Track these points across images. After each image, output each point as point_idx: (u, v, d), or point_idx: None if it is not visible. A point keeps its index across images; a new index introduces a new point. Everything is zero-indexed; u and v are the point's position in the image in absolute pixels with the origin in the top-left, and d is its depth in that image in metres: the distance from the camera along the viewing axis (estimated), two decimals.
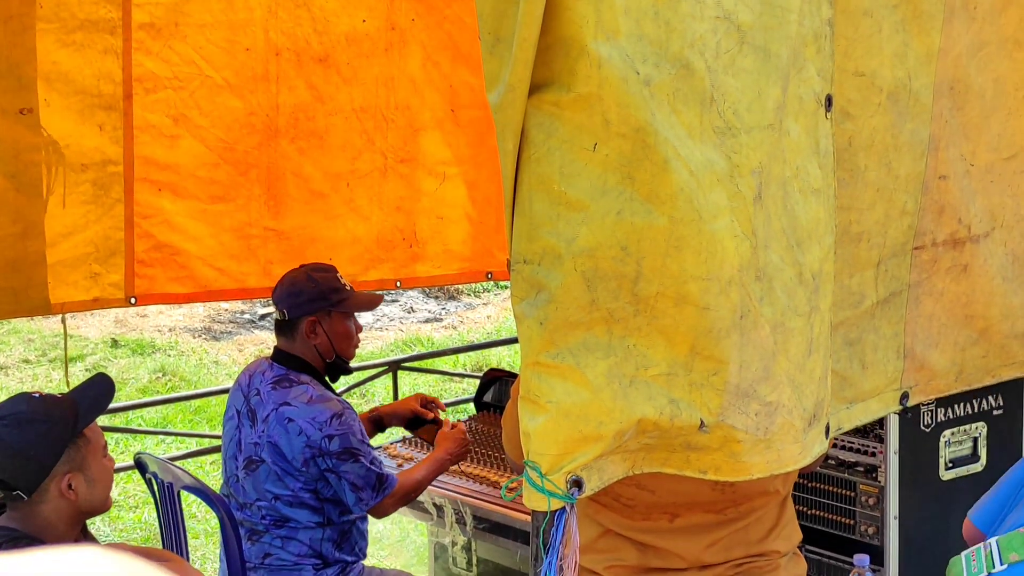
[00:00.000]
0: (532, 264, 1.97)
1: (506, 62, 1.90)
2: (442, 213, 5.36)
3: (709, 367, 2.04)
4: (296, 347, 4.18)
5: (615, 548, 2.82)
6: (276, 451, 4.01)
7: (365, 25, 5.00)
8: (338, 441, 3.97)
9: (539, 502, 2.01)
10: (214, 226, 4.82)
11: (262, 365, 4.22)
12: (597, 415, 1.98)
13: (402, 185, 5.24)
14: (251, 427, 4.09)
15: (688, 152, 1.94)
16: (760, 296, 2.06)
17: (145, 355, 11.80)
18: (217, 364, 11.76)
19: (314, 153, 4.96)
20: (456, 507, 4.56)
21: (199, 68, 4.63)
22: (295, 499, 4.03)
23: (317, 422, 3.97)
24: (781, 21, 2.05)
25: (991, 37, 2.54)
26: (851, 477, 3.73)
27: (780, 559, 2.87)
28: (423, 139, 5.26)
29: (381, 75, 5.07)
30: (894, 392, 2.55)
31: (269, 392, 4.07)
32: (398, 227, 5.26)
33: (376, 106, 5.08)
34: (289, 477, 4.01)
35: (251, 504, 4.08)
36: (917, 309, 2.51)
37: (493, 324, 13.42)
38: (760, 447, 2.14)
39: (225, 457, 4.22)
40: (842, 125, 2.26)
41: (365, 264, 5.16)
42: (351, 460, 3.98)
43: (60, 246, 4.42)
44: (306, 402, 4.01)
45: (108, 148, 4.47)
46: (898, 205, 2.40)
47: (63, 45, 4.32)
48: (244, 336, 12.90)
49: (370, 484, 4.02)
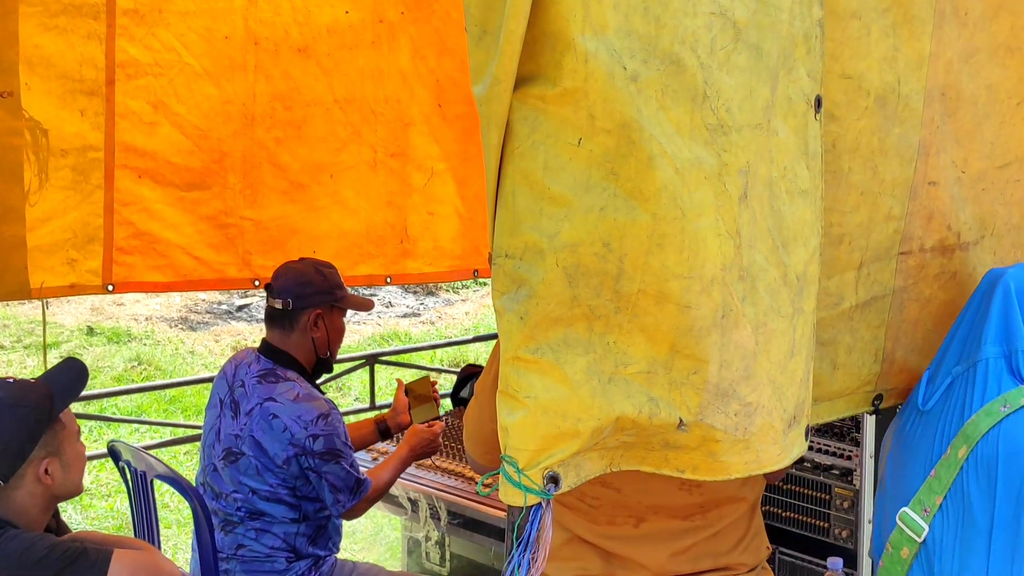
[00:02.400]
0: (514, 259, 1.96)
1: (492, 55, 1.89)
2: (432, 209, 5.35)
3: (689, 366, 2.03)
4: (291, 340, 4.15)
5: (580, 556, 2.78)
6: (258, 446, 3.99)
7: (348, 17, 4.98)
8: (322, 441, 3.95)
9: (515, 497, 1.99)
10: (192, 214, 4.79)
11: (248, 356, 4.19)
12: (576, 411, 1.97)
13: (393, 180, 5.22)
14: (233, 419, 4.07)
15: (675, 149, 1.93)
16: (743, 296, 2.06)
17: (121, 343, 11.76)
18: (193, 354, 11.72)
19: (291, 143, 4.94)
20: (431, 502, 4.55)
21: (179, 55, 4.61)
22: (272, 494, 4.01)
23: (303, 421, 3.95)
24: (774, 20, 2.04)
25: (983, 43, 2.53)
26: (826, 480, 3.73)
27: (747, 572, 2.83)
28: (412, 134, 5.24)
29: (367, 67, 5.04)
30: (867, 393, 2.55)
31: (254, 386, 4.05)
32: (389, 222, 5.23)
33: (363, 98, 5.06)
34: (268, 473, 3.99)
35: (227, 495, 4.05)
36: (901, 314, 2.50)
37: (471, 320, 13.42)
38: (739, 447, 2.14)
39: (204, 445, 4.20)
40: (827, 127, 2.25)
41: (354, 259, 5.14)
42: (333, 461, 3.97)
43: (38, 231, 4.38)
44: (292, 399, 3.99)
45: (89, 134, 4.44)
46: (883, 209, 2.39)
47: (46, 29, 4.29)
48: (221, 327, 12.87)
49: (349, 487, 4.02)
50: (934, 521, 2.40)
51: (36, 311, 11.67)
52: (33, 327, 11.41)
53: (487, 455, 2.81)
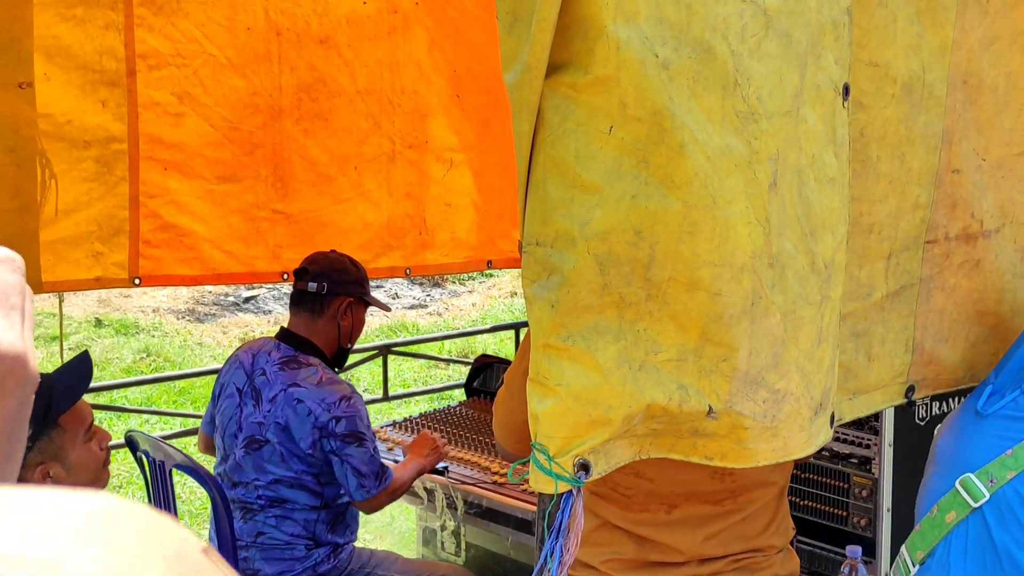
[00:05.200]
0: (545, 246, 1.97)
1: (524, 42, 1.89)
2: (450, 200, 5.35)
3: (719, 353, 2.04)
4: (318, 325, 4.17)
5: (612, 541, 2.80)
6: (284, 432, 4.00)
7: (366, 7, 4.98)
8: (345, 423, 3.97)
9: (546, 485, 2.00)
10: (221, 207, 4.78)
11: (267, 345, 4.21)
12: (606, 399, 1.98)
13: (411, 171, 5.22)
14: (255, 406, 4.08)
15: (705, 137, 1.94)
16: (772, 284, 2.06)
17: (129, 335, 11.78)
18: (201, 346, 11.74)
19: (319, 135, 4.93)
20: (447, 492, 4.56)
21: (202, 46, 4.60)
22: (296, 481, 4.03)
23: (326, 403, 3.97)
24: (804, 7, 2.04)
25: (1003, 31, 2.53)
26: (845, 469, 3.73)
27: (776, 554, 2.86)
28: (430, 124, 5.25)
29: (385, 58, 5.04)
30: (900, 385, 2.55)
31: (277, 372, 4.07)
32: (408, 214, 5.24)
33: (381, 89, 5.06)
34: (294, 459, 4.01)
35: (248, 483, 4.07)
36: (928, 303, 2.51)
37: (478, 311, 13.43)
38: (767, 434, 2.14)
39: (223, 435, 4.21)
40: (855, 115, 2.25)
41: (376, 251, 5.15)
42: (356, 444, 3.98)
43: (61, 223, 4.37)
44: (315, 384, 4.01)
45: (111, 125, 4.44)
46: (911, 198, 2.40)
47: (63, 19, 4.29)
48: (228, 318, 12.89)
49: (374, 472, 4.02)
50: (1001, 491, 2.39)
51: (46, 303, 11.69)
52: (41, 319, 11.43)
53: (517, 444, 2.82)
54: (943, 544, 2.42)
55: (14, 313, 0.73)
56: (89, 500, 0.52)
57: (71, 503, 0.51)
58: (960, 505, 2.41)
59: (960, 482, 2.42)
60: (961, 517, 2.40)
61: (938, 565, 2.41)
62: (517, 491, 4.42)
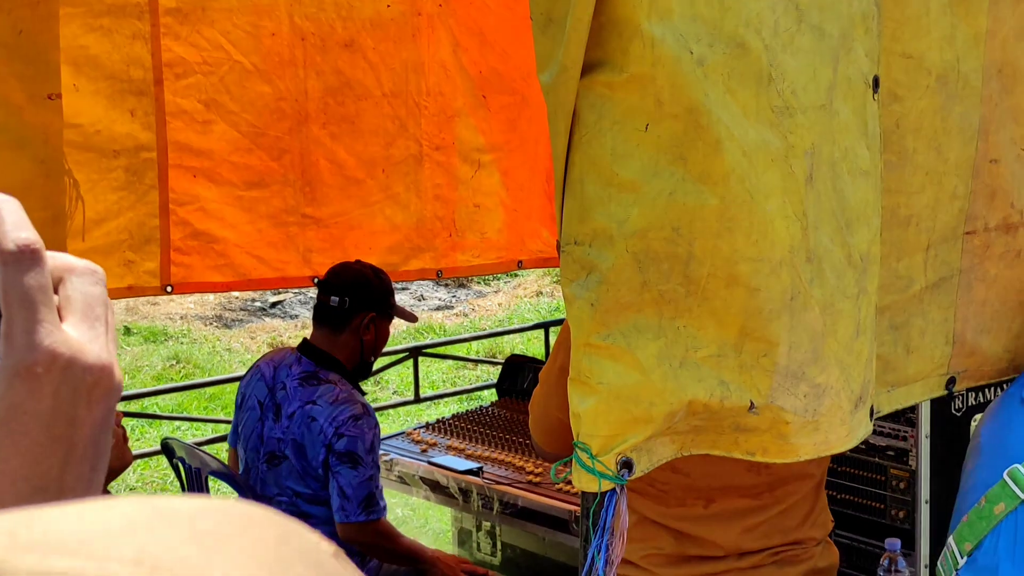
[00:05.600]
0: (583, 245, 1.97)
1: (559, 42, 1.90)
2: (479, 201, 5.35)
3: (759, 348, 2.04)
4: (339, 339, 4.14)
5: (651, 536, 2.80)
6: (299, 450, 3.98)
7: (390, 10, 4.99)
8: (345, 442, 3.92)
9: (589, 483, 2.01)
10: (251, 213, 4.79)
11: (288, 358, 4.18)
12: (648, 396, 1.98)
13: (439, 172, 5.22)
14: (274, 421, 4.06)
15: (742, 132, 1.94)
16: (810, 278, 2.06)
17: (158, 343, 11.82)
18: (230, 351, 11.78)
19: (346, 139, 4.94)
20: (482, 492, 4.56)
21: (227, 53, 4.62)
22: (314, 497, 4.01)
23: (336, 420, 3.93)
24: (834, 1, 2.04)
25: None
26: (882, 461, 3.72)
27: (815, 547, 2.87)
28: (457, 126, 5.25)
29: (410, 60, 5.05)
30: (940, 377, 2.54)
31: (296, 388, 4.04)
32: (437, 215, 5.23)
33: (407, 92, 5.07)
34: (309, 477, 3.98)
35: (271, 498, 4.05)
36: (969, 294, 2.50)
37: (504, 312, 13.43)
38: (808, 429, 2.14)
39: (246, 447, 4.19)
40: (889, 107, 2.25)
41: (406, 254, 5.14)
42: (349, 465, 3.91)
43: (92, 232, 4.39)
44: (331, 402, 3.98)
45: (140, 134, 4.46)
46: (948, 189, 2.39)
47: (90, 30, 4.31)
48: (255, 324, 12.92)
49: (359, 498, 3.91)
50: None
51: None
52: None
53: (553, 443, 2.82)
54: (991, 535, 2.41)
55: (99, 324, 0.74)
56: (216, 505, 0.53)
57: (198, 508, 0.52)
58: (1009, 496, 2.40)
59: (1008, 473, 2.41)
60: (1010, 508, 2.39)
61: (986, 556, 2.40)
62: (552, 490, 4.42)
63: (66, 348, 0.72)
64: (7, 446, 0.69)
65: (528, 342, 10.85)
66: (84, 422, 0.72)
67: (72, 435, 0.71)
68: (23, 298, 0.71)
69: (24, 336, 0.70)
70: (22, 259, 0.72)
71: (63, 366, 0.71)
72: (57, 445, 0.71)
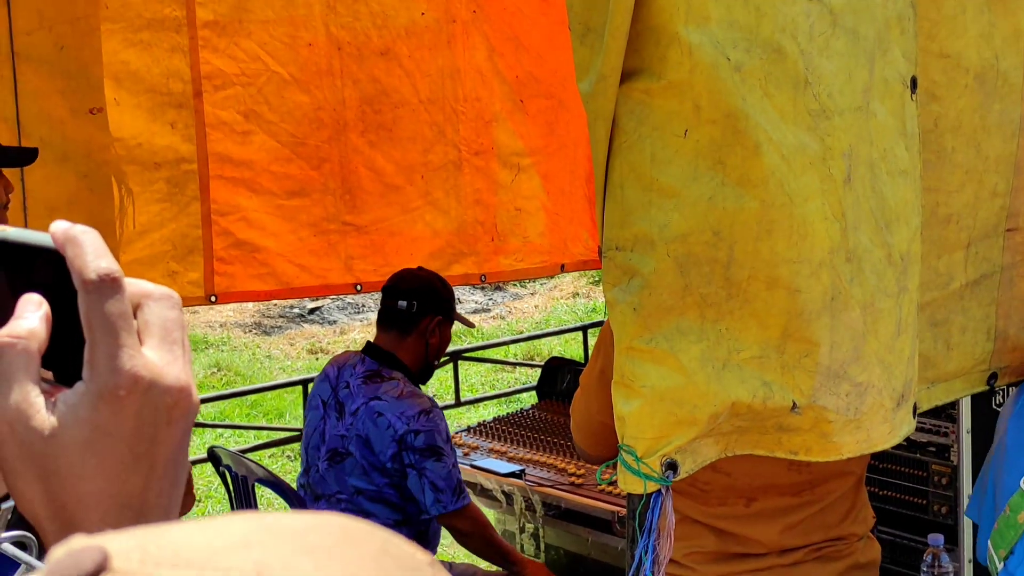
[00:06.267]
0: (625, 250, 2.00)
1: (597, 51, 1.92)
2: (519, 205, 5.36)
3: (801, 349, 2.06)
4: (406, 342, 4.21)
5: (693, 535, 2.82)
6: (365, 445, 4.04)
7: (424, 18, 5.02)
8: (423, 437, 3.99)
9: (635, 485, 2.03)
10: (292, 221, 4.83)
11: (352, 358, 4.25)
12: (691, 399, 2.01)
13: (479, 177, 5.24)
14: (338, 419, 4.12)
15: (780, 136, 1.96)
16: (850, 278, 2.08)
17: (199, 351, 11.89)
18: (270, 358, 11.84)
19: (384, 146, 4.97)
20: (525, 494, 4.59)
21: (265, 64, 4.66)
22: (378, 495, 4.06)
23: (405, 416, 4.00)
24: (868, 3, 2.06)
25: None
26: (923, 458, 3.73)
27: (857, 542, 2.88)
28: (495, 130, 5.26)
29: (446, 67, 5.08)
30: (981, 373, 2.55)
31: (360, 386, 4.11)
32: (479, 220, 5.25)
33: (444, 98, 5.09)
34: (375, 472, 4.04)
35: (330, 496, 4.10)
36: (1011, 291, 2.51)
37: (541, 314, 13.44)
38: (850, 427, 2.16)
39: (307, 447, 4.25)
40: (928, 107, 2.26)
41: (448, 259, 5.17)
42: (434, 458, 3.99)
43: (136, 244, 4.44)
44: (396, 396, 4.05)
45: (181, 146, 4.50)
46: (988, 186, 2.40)
47: (130, 44, 4.36)
48: (294, 330, 12.98)
49: (451, 487, 4.02)
50: None
51: None
52: None
53: (596, 446, 2.85)
54: (1021, 543, 2.42)
55: (176, 347, 0.78)
56: (321, 520, 0.56)
57: (306, 523, 0.55)
58: None
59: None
60: None
61: (1017, 564, 2.41)
62: (595, 492, 4.44)
63: (147, 371, 0.75)
64: (93, 466, 0.73)
65: (566, 344, 10.86)
66: (165, 441, 0.75)
67: (154, 454, 0.75)
68: (105, 324, 0.74)
69: (107, 361, 0.74)
70: (103, 287, 0.75)
71: (144, 388, 0.74)
72: (140, 464, 0.74)
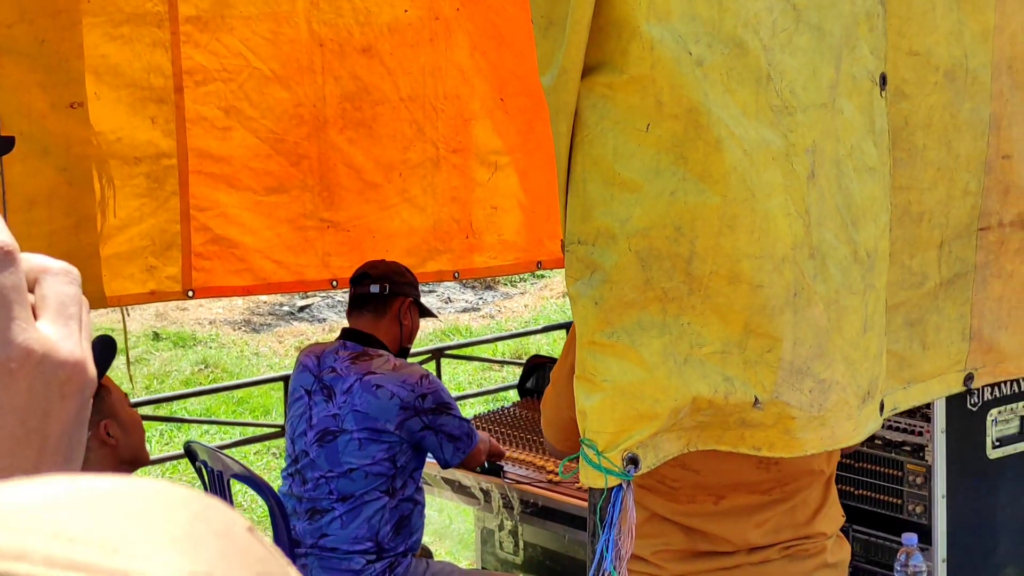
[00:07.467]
0: (587, 245, 2.00)
1: (559, 45, 1.92)
2: (496, 203, 5.38)
3: (763, 344, 2.06)
4: (381, 325, 4.28)
5: (662, 533, 2.83)
6: (363, 417, 4.06)
7: (407, 15, 5.02)
8: (431, 398, 4.09)
9: (596, 479, 2.03)
10: (270, 218, 4.85)
11: (330, 345, 4.29)
12: (652, 393, 2.01)
13: (455, 175, 5.26)
14: (327, 402, 4.14)
15: (742, 131, 1.96)
16: (814, 274, 2.08)
17: (187, 348, 11.89)
18: (258, 356, 11.83)
19: (363, 143, 4.98)
20: (503, 491, 4.59)
21: (247, 60, 4.66)
22: (370, 469, 4.08)
23: (408, 384, 4.07)
24: (834, 0, 2.06)
25: None
26: (898, 457, 3.73)
27: (826, 541, 2.88)
28: (474, 128, 5.28)
29: (427, 65, 5.08)
30: (957, 373, 2.55)
31: (348, 367, 4.14)
32: (454, 218, 5.27)
33: (424, 96, 5.10)
34: (372, 444, 4.06)
35: (318, 478, 4.11)
36: (985, 291, 2.51)
37: (531, 313, 13.44)
38: (814, 424, 2.16)
39: (292, 437, 4.25)
40: (898, 104, 2.26)
41: (423, 256, 5.19)
42: (445, 414, 4.12)
43: (115, 239, 4.44)
44: (391, 369, 4.12)
45: (161, 141, 4.50)
46: (960, 185, 2.40)
47: (111, 39, 4.35)
48: (283, 328, 12.97)
49: (465, 432, 4.18)
50: None
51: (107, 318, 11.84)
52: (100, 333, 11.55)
53: (565, 441, 2.85)
54: None
55: (72, 322, 0.77)
56: (135, 484, 0.56)
57: (117, 486, 0.55)
58: None
59: None
60: None
61: None
62: (572, 489, 4.44)
63: (39, 345, 0.74)
64: None
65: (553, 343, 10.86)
66: (58, 416, 0.75)
67: (46, 428, 0.74)
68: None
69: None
70: None
71: (36, 362, 0.74)
72: (32, 438, 0.74)
